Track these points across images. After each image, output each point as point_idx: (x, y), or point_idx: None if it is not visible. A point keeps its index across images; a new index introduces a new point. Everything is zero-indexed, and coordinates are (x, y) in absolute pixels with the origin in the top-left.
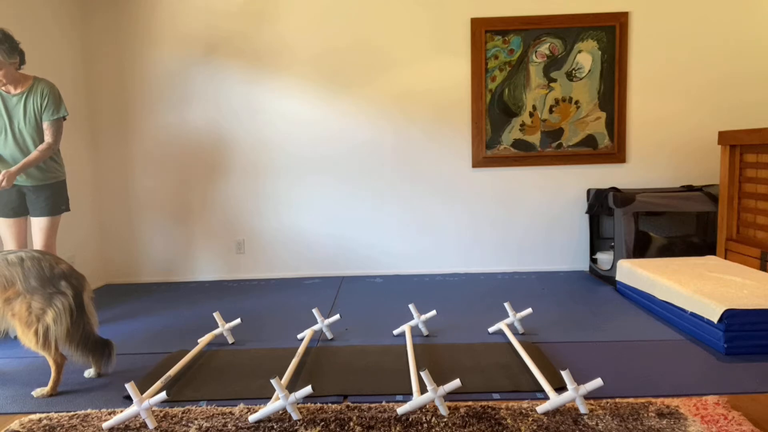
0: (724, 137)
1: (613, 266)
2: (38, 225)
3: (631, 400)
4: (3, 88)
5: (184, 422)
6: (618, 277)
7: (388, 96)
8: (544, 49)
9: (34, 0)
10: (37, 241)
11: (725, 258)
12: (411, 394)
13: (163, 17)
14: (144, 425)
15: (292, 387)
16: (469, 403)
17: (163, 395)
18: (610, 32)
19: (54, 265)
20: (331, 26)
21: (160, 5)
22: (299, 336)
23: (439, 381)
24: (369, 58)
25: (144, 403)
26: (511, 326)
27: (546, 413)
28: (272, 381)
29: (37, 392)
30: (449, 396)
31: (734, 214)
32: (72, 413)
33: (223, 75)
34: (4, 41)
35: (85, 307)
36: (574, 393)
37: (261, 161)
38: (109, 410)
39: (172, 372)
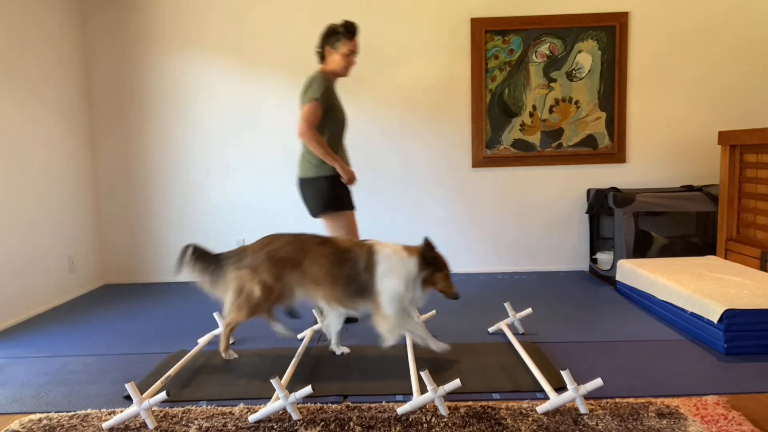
0: (724, 137)
1: (613, 266)
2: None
3: (631, 400)
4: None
5: (184, 422)
6: (618, 277)
7: (388, 96)
8: (544, 49)
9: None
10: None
11: (725, 258)
12: (411, 394)
13: (163, 17)
14: (144, 425)
15: (292, 387)
16: (469, 403)
17: (163, 395)
18: (610, 32)
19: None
20: None
21: (161, 5)
22: (299, 336)
23: (439, 381)
24: (369, 58)
25: (144, 403)
26: (511, 326)
27: (546, 413)
28: (272, 381)
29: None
30: (449, 396)
31: (734, 214)
32: (72, 413)
33: (222, 74)
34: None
35: None
36: (574, 393)
37: (261, 161)
38: (109, 410)
39: (172, 372)
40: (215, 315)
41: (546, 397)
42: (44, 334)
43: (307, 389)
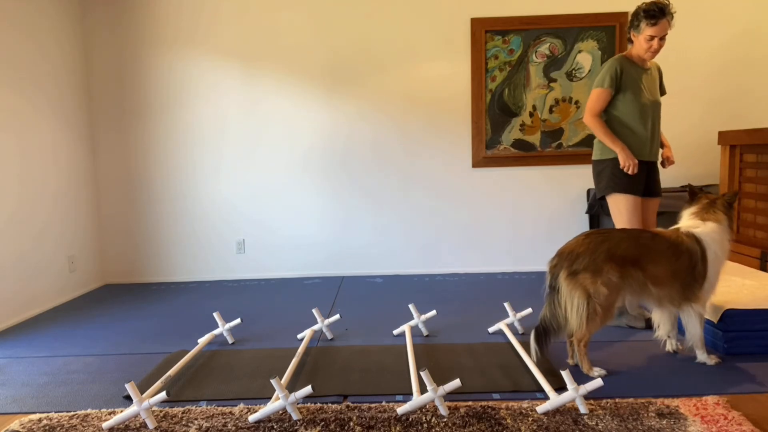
0: (724, 137)
1: None
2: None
3: (631, 400)
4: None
5: (184, 422)
6: None
7: (389, 96)
8: (544, 49)
9: None
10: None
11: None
12: (411, 394)
13: (163, 16)
14: (144, 425)
15: (292, 387)
16: (469, 403)
17: (163, 395)
18: (610, 32)
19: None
20: (330, 26)
21: (161, 4)
22: (299, 336)
23: (439, 381)
24: (369, 58)
25: (144, 403)
26: (511, 326)
27: (546, 413)
28: (272, 381)
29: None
30: (449, 396)
31: (734, 215)
32: (72, 413)
33: (224, 74)
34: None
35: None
36: (574, 393)
37: (261, 161)
38: (109, 410)
39: (172, 372)
40: (215, 315)
41: (546, 397)
42: (44, 334)
43: (307, 389)
